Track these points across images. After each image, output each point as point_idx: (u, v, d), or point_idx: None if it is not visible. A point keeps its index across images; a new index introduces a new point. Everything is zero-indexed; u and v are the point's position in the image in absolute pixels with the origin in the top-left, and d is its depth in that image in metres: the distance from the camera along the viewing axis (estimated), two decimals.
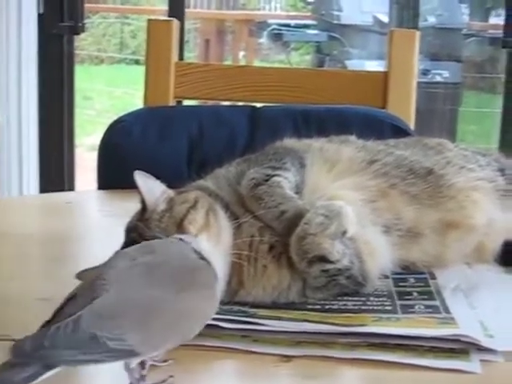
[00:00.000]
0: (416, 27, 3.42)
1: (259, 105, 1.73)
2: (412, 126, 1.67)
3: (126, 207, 1.03)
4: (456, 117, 4.65)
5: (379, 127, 1.55)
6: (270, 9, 6.63)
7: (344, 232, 0.99)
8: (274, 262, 1.00)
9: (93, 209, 1.58)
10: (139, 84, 1.81)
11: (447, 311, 0.97)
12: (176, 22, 1.76)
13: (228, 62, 5.85)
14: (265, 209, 1.01)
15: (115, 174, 1.48)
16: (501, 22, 3.08)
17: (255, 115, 1.67)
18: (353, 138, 1.21)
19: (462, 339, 0.88)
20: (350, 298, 1.00)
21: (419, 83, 1.81)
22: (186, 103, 2.13)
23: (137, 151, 1.59)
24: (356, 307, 0.98)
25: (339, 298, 1.00)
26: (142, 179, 1.00)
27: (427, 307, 0.98)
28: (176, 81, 1.73)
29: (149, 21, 1.75)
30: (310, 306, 0.98)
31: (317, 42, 5.78)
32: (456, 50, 4.88)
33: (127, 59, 6.85)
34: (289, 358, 0.87)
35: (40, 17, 2.87)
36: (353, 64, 5.01)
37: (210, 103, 2.34)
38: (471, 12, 5.44)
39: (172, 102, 1.76)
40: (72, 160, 3.05)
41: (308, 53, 6.18)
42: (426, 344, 0.89)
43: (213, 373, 0.88)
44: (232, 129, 1.64)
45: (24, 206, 1.56)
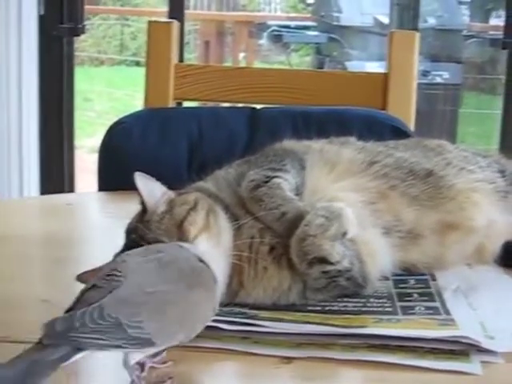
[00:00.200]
0: (416, 28, 3.42)
1: (259, 106, 1.73)
2: (412, 128, 1.67)
3: (127, 209, 1.03)
4: (456, 118, 4.64)
5: (379, 129, 1.55)
6: (270, 10, 6.63)
7: (344, 233, 0.99)
8: (275, 264, 1.00)
9: (93, 210, 1.58)
10: (139, 85, 1.81)
11: (447, 313, 0.97)
12: (176, 24, 1.76)
13: (228, 64, 5.84)
14: (265, 210, 1.01)
15: (115, 176, 1.48)
16: (501, 23, 3.08)
17: (255, 116, 1.67)
18: (352, 140, 1.21)
19: (463, 340, 0.88)
20: (351, 300, 1.00)
21: (419, 84, 1.81)
22: (186, 104, 2.13)
23: (137, 152, 1.59)
24: (356, 309, 0.98)
25: (339, 300, 1.00)
26: (142, 181, 1.00)
27: (427, 308, 0.98)
28: (176, 82, 1.73)
29: (149, 22, 1.75)
30: (311, 308, 0.98)
31: (317, 44, 5.77)
32: (456, 52, 4.88)
33: (127, 61, 6.85)
34: (289, 360, 0.87)
35: (40, 18, 2.87)
36: (353, 65, 5.01)
37: (210, 104, 2.34)
38: (471, 13, 5.44)
39: (172, 104, 1.76)
40: (72, 162, 3.05)
41: (308, 54, 6.17)
42: (427, 345, 0.89)
43: (213, 375, 0.88)
44: (232, 130, 1.64)
45: (24, 208, 1.56)
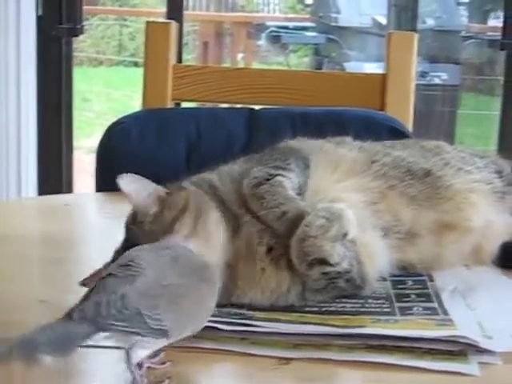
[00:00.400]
0: (414, 29, 3.42)
1: (257, 107, 1.73)
2: (410, 128, 1.67)
3: (125, 209, 1.03)
4: (454, 119, 4.64)
5: (377, 129, 1.55)
6: (269, 11, 6.63)
7: (345, 234, 0.99)
8: (273, 265, 1.00)
9: (91, 211, 1.58)
10: (138, 86, 1.81)
11: (445, 313, 0.97)
12: (174, 24, 1.76)
13: (226, 65, 5.85)
14: (266, 209, 1.01)
15: (113, 176, 1.47)
16: (499, 25, 3.08)
17: (253, 117, 1.66)
18: (349, 139, 1.21)
19: (461, 340, 0.88)
20: (349, 301, 1.00)
21: (417, 85, 1.81)
22: (185, 105, 2.13)
23: (135, 153, 1.59)
24: (354, 309, 0.98)
25: (337, 301, 1.00)
26: (127, 184, 1.00)
27: (425, 309, 0.98)
28: (174, 83, 1.73)
29: (147, 23, 1.75)
30: (308, 309, 0.98)
31: (315, 44, 5.78)
32: (454, 52, 4.88)
33: (126, 61, 6.85)
34: (287, 361, 0.87)
35: (39, 19, 2.87)
36: (351, 66, 5.01)
37: (209, 105, 2.34)
38: (470, 14, 5.45)
39: (170, 104, 1.76)
40: (70, 162, 3.05)
41: (306, 55, 6.18)
42: (425, 346, 0.89)
43: (211, 375, 0.88)
44: (230, 131, 1.64)
45: (22, 209, 1.56)
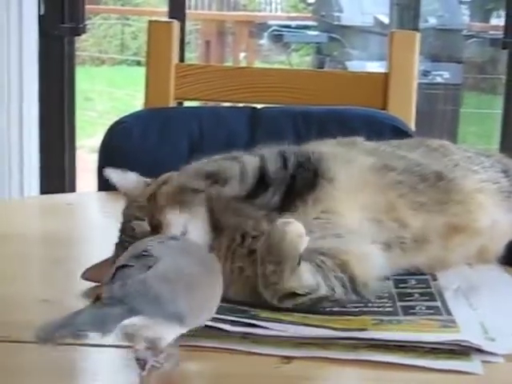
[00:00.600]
0: (416, 28, 3.42)
1: (260, 106, 1.73)
2: (412, 128, 1.67)
3: None
4: (457, 118, 4.64)
5: (380, 128, 1.55)
6: (271, 10, 6.62)
7: (299, 257, 0.95)
8: (253, 267, 0.98)
9: (93, 210, 1.58)
10: (140, 85, 1.81)
11: (448, 313, 0.96)
12: (177, 24, 1.76)
13: (229, 64, 5.84)
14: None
15: None
16: (501, 23, 3.08)
17: (255, 116, 1.66)
18: (360, 140, 1.19)
19: (463, 344, 0.88)
20: None
21: (420, 84, 1.81)
22: (187, 104, 2.13)
23: (137, 152, 1.59)
24: (357, 309, 0.98)
25: None
26: (113, 174, 1.05)
27: (428, 308, 0.98)
28: (176, 82, 1.73)
29: (149, 22, 1.75)
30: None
31: (317, 43, 5.77)
32: (456, 51, 4.88)
33: (128, 60, 6.85)
34: (289, 359, 0.87)
35: (41, 18, 2.86)
36: (353, 65, 5.01)
37: (211, 104, 2.34)
38: (472, 13, 5.44)
39: (172, 103, 1.76)
40: (73, 161, 3.05)
41: (308, 54, 6.17)
42: (427, 345, 0.88)
43: (212, 374, 0.88)
44: (232, 130, 1.64)
45: (25, 208, 1.56)
